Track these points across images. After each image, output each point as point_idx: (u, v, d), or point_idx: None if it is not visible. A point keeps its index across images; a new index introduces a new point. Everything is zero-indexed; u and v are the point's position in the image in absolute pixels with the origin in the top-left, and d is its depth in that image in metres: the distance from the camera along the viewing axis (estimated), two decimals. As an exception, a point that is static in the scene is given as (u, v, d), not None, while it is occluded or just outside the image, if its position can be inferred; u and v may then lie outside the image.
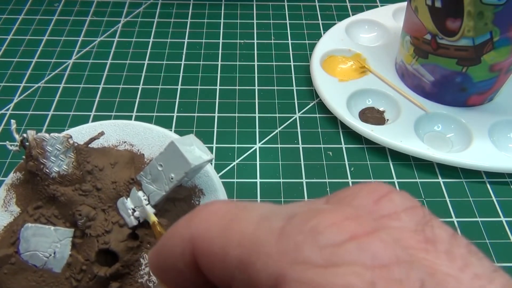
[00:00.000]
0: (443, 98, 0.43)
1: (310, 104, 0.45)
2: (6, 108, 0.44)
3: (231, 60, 0.50)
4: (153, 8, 0.56)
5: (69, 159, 0.22)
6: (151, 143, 0.24)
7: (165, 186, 0.21)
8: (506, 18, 0.35)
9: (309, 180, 0.39)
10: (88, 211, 0.21)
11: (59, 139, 0.22)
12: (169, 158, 0.20)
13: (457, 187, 0.38)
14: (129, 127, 0.24)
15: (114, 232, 0.21)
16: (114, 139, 0.24)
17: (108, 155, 0.23)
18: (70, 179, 0.22)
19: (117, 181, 0.22)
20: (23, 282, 0.21)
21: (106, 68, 0.49)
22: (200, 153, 0.21)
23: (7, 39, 0.52)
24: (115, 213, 0.21)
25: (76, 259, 0.21)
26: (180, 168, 0.20)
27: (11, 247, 0.21)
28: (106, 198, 0.22)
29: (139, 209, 0.21)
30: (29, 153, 0.22)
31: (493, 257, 0.34)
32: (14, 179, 0.24)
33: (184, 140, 0.21)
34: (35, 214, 0.22)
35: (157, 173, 0.21)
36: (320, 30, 0.54)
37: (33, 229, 0.21)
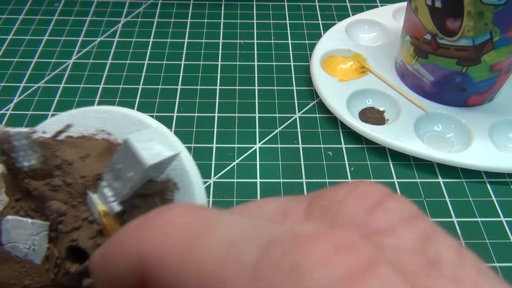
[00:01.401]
0: (443, 98, 0.43)
1: (310, 104, 0.45)
2: (6, 108, 0.44)
3: (231, 60, 0.50)
4: (153, 8, 0.56)
5: (36, 154, 0.21)
6: (129, 131, 0.22)
7: (127, 184, 0.20)
8: (506, 18, 0.35)
9: (309, 180, 0.39)
10: (59, 207, 0.21)
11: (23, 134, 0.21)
12: (126, 156, 0.19)
13: (457, 187, 0.38)
14: (107, 113, 0.23)
15: (83, 229, 0.20)
16: (93, 127, 0.23)
17: (79, 147, 0.22)
18: (41, 173, 0.21)
19: (87, 176, 0.21)
20: (7, 272, 0.21)
21: (106, 68, 0.49)
22: (162, 148, 0.19)
23: (7, 39, 0.52)
24: (85, 208, 0.21)
25: (52, 253, 0.21)
26: (137, 167, 0.19)
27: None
28: (76, 193, 0.21)
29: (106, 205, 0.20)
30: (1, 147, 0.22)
31: (493, 257, 0.34)
32: (3, 169, 0.23)
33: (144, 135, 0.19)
34: (16, 206, 0.22)
35: (118, 171, 0.20)
36: (320, 30, 0.54)
37: (13, 222, 0.21)
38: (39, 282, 0.21)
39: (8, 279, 0.21)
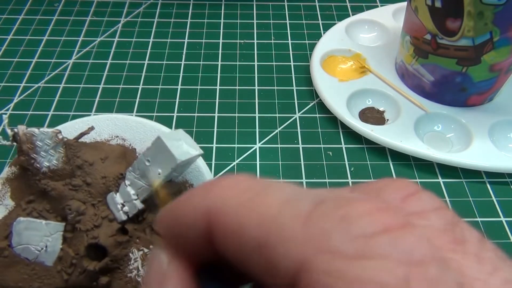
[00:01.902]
0: (443, 98, 0.43)
1: (310, 104, 0.45)
2: (6, 108, 0.44)
3: (231, 60, 0.50)
4: (153, 8, 0.56)
5: (58, 154, 0.22)
6: (143, 137, 0.24)
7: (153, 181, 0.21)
8: (506, 18, 0.35)
9: (309, 180, 0.39)
10: (78, 206, 0.21)
11: (48, 134, 0.22)
12: (156, 153, 0.20)
13: (457, 187, 0.38)
14: (121, 121, 0.24)
15: (103, 227, 0.21)
16: (107, 133, 0.24)
17: (99, 150, 0.23)
18: (60, 173, 0.22)
19: (107, 176, 0.22)
20: (15, 275, 0.21)
21: (106, 68, 0.49)
22: (188, 148, 0.20)
23: (7, 39, 0.52)
24: (104, 207, 0.21)
25: (67, 253, 0.21)
26: (167, 164, 0.20)
27: (4, 240, 0.22)
28: (96, 193, 0.22)
29: (128, 204, 0.21)
30: (20, 148, 0.22)
31: (493, 257, 0.34)
32: (9, 173, 0.24)
33: (172, 135, 0.20)
34: (28, 208, 0.22)
35: (145, 168, 0.21)
36: (320, 30, 0.54)
37: (25, 223, 0.21)
38: (49, 284, 0.21)
39: (15, 282, 0.21)
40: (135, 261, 0.20)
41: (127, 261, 0.21)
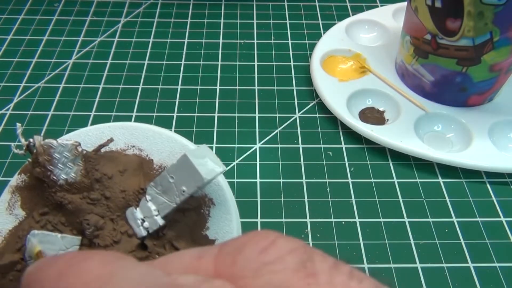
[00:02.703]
0: (443, 98, 0.43)
1: (310, 104, 0.45)
2: (6, 108, 0.44)
3: (231, 60, 0.50)
4: (153, 8, 0.56)
5: (77, 167, 0.21)
6: (160, 148, 0.23)
7: (176, 199, 0.20)
8: (506, 18, 0.35)
9: (309, 180, 0.39)
10: (97, 220, 0.21)
11: (67, 147, 0.21)
12: (181, 170, 0.20)
13: (457, 187, 0.38)
14: (137, 130, 0.24)
15: (122, 243, 0.20)
16: (122, 143, 0.23)
17: (116, 162, 0.22)
18: (78, 187, 0.21)
19: (126, 190, 0.21)
20: None
21: (106, 68, 0.49)
22: (213, 165, 0.20)
23: (7, 39, 0.52)
24: (123, 222, 0.21)
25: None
26: (192, 182, 0.20)
27: (16, 253, 0.21)
28: (115, 207, 0.21)
29: (148, 219, 0.20)
30: (36, 159, 0.21)
31: (493, 257, 0.34)
32: (19, 181, 0.23)
33: (197, 152, 0.20)
34: (42, 220, 0.21)
35: (168, 185, 0.20)
36: (320, 30, 0.54)
37: (40, 236, 0.21)
38: None
39: None
40: None
41: None
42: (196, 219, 0.21)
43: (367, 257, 0.34)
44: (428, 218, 0.36)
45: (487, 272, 0.33)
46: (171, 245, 0.21)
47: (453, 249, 0.35)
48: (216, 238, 0.21)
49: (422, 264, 0.34)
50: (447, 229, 0.36)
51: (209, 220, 0.21)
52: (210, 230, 0.21)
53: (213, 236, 0.21)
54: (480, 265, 0.34)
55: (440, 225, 0.36)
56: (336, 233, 0.35)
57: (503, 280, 0.33)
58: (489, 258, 0.34)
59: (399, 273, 0.33)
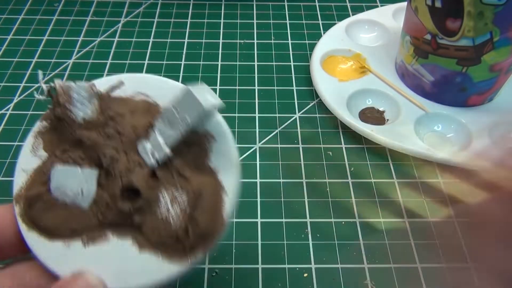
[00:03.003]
0: (443, 98, 0.43)
1: (310, 104, 0.45)
2: (6, 108, 0.44)
3: (231, 60, 0.50)
4: (153, 8, 0.56)
5: (93, 106, 0.24)
6: (165, 93, 0.25)
7: (181, 128, 0.22)
8: (506, 18, 0.35)
9: (309, 180, 0.39)
10: (112, 153, 0.23)
11: (83, 87, 0.24)
12: (184, 102, 0.22)
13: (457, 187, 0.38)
14: (144, 79, 0.26)
15: (136, 171, 0.22)
16: (131, 90, 0.26)
17: (127, 103, 0.25)
18: (94, 124, 0.23)
19: (137, 126, 0.24)
20: (54, 218, 0.23)
21: (106, 68, 0.49)
22: (211, 98, 0.23)
23: (7, 39, 0.52)
24: (135, 154, 0.23)
25: (102, 196, 0.23)
26: (194, 110, 0.22)
27: (43, 186, 0.23)
28: (128, 141, 0.23)
29: (157, 150, 0.23)
30: (56, 100, 0.23)
31: (493, 257, 0.34)
32: (41, 127, 0.26)
33: (198, 87, 0.23)
34: (63, 156, 0.23)
35: (173, 117, 0.22)
36: (320, 30, 0.54)
37: (62, 170, 0.23)
38: (85, 225, 0.23)
39: (55, 224, 0.23)
40: (165, 202, 0.22)
41: (157, 202, 0.22)
42: (199, 152, 0.24)
43: (367, 257, 0.34)
44: (428, 218, 0.36)
45: (487, 272, 0.33)
46: (178, 173, 0.23)
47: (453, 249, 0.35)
48: (218, 169, 0.24)
49: (422, 264, 0.34)
50: (447, 229, 0.36)
51: (211, 154, 0.24)
52: (212, 162, 0.24)
53: (216, 168, 0.24)
54: (480, 265, 0.34)
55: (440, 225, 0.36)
56: (336, 233, 0.35)
57: (503, 280, 0.33)
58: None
59: (399, 273, 0.33)
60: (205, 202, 0.22)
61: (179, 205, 0.22)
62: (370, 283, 0.33)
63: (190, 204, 0.22)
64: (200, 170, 0.23)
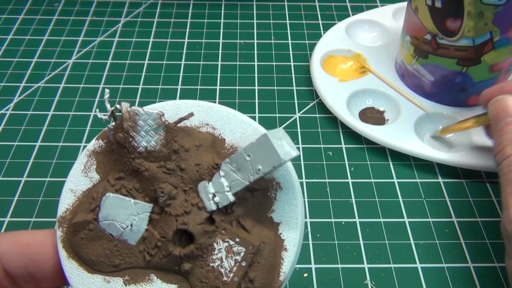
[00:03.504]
0: (443, 98, 0.43)
1: (310, 104, 0.45)
2: (6, 108, 0.44)
3: (231, 60, 0.50)
4: (153, 8, 0.56)
5: (158, 136, 0.22)
6: (233, 128, 0.24)
7: (250, 177, 0.21)
8: (506, 18, 0.35)
9: (309, 180, 0.39)
10: (170, 190, 0.21)
11: (152, 115, 0.22)
12: (260, 150, 0.20)
13: (457, 187, 0.38)
14: (212, 109, 0.24)
15: (192, 214, 0.21)
16: (197, 120, 0.24)
17: (193, 137, 0.23)
18: (156, 155, 0.22)
19: (201, 164, 0.22)
20: (98, 249, 0.22)
21: (106, 68, 0.49)
22: (289, 148, 0.21)
23: (7, 39, 0.52)
24: (195, 195, 0.21)
25: (152, 235, 0.21)
26: (269, 161, 0.20)
27: (90, 213, 0.22)
28: (188, 179, 0.22)
29: (219, 194, 0.21)
30: (120, 124, 0.22)
31: (493, 257, 0.34)
32: (96, 146, 0.24)
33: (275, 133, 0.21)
34: (117, 184, 0.22)
35: (244, 163, 0.21)
36: (320, 30, 0.54)
37: (114, 199, 0.22)
38: (129, 263, 0.22)
39: (98, 257, 0.22)
40: (219, 252, 0.21)
41: (211, 251, 0.21)
42: (263, 201, 0.22)
43: (367, 257, 0.34)
44: (428, 218, 0.36)
45: (487, 272, 0.33)
46: (238, 222, 0.21)
47: (453, 249, 0.35)
48: (280, 221, 0.22)
49: (422, 264, 0.34)
50: (447, 229, 0.36)
51: (275, 203, 0.22)
52: (275, 213, 0.22)
53: (278, 220, 0.22)
54: (480, 265, 0.34)
55: (440, 225, 0.36)
56: (336, 233, 0.35)
57: (503, 280, 0.33)
58: (489, 258, 0.34)
59: (399, 273, 0.33)
60: (263, 260, 0.20)
61: (235, 258, 0.20)
62: (370, 283, 0.33)
63: (247, 259, 0.20)
64: (261, 222, 0.22)
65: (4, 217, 0.36)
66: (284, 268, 0.21)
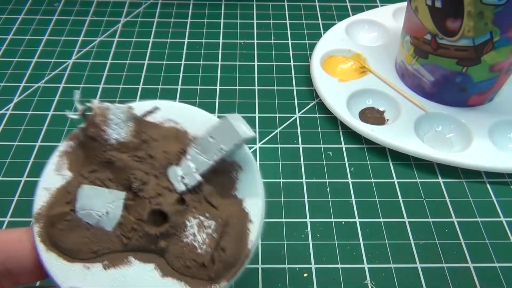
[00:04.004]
0: (443, 98, 0.43)
1: (310, 104, 0.45)
2: (6, 108, 0.44)
3: (231, 60, 0.50)
4: (153, 8, 0.56)
5: (128, 128, 0.24)
6: (194, 123, 0.26)
7: (214, 156, 0.23)
8: (506, 18, 0.35)
9: (309, 180, 0.39)
10: (142, 176, 0.23)
11: (121, 109, 0.24)
12: (221, 131, 0.23)
13: (457, 187, 0.38)
14: (172, 106, 0.27)
15: (164, 196, 0.23)
16: (159, 116, 0.26)
17: (159, 129, 0.25)
18: (127, 146, 0.24)
19: (169, 151, 0.24)
20: (76, 238, 0.23)
21: (106, 68, 0.49)
22: (246, 129, 0.23)
23: (7, 39, 0.52)
24: (165, 179, 0.23)
25: (127, 219, 0.23)
26: (230, 140, 0.23)
27: (67, 205, 0.23)
28: (158, 165, 0.23)
29: (188, 176, 0.23)
30: (92, 120, 0.24)
31: (493, 257, 0.34)
32: (67, 146, 0.25)
33: (234, 117, 0.23)
34: (90, 177, 0.24)
35: (208, 145, 0.23)
36: (320, 30, 0.54)
37: (89, 190, 0.23)
38: (108, 248, 0.23)
39: (76, 246, 0.23)
40: (191, 228, 0.22)
41: (184, 228, 0.22)
42: (227, 181, 0.24)
43: (367, 257, 0.34)
44: (428, 218, 0.36)
45: (487, 272, 0.33)
46: (206, 200, 0.23)
47: (453, 249, 0.35)
48: (244, 197, 0.24)
49: (422, 264, 0.34)
50: (447, 229, 0.36)
51: (238, 183, 0.24)
52: (238, 191, 0.24)
53: (242, 196, 0.24)
54: (480, 265, 0.34)
55: (440, 225, 0.36)
56: (336, 233, 0.35)
57: (503, 280, 0.33)
58: (489, 258, 0.34)
59: (399, 273, 0.33)
60: (232, 231, 0.22)
61: (206, 232, 0.22)
62: (370, 283, 0.33)
63: (218, 231, 0.22)
64: (227, 199, 0.23)
65: (4, 217, 0.36)
66: (251, 237, 0.22)
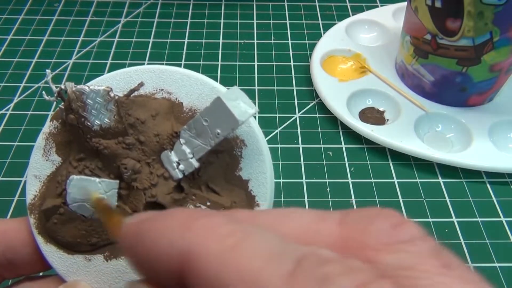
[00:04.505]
0: (443, 98, 0.43)
1: (310, 104, 0.45)
2: (6, 108, 0.44)
3: (231, 60, 0.50)
4: (153, 8, 0.56)
5: (110, 112, 0.22)
6: (189, 90, 0.23)
7: (211, 141, 0.20)
8: (506, 18, 0.35)
9: (309, 180, 0.39)
10: (133, 164, 0.21)
11: (99, 92, 0.21)
12: (216, 113, 0.20)
13: (457, 187, 0.38)
14: (165, 73, 0.24)
15: (160, 185, 0.21)
16: (151, 86, 0.23)
17: (147, 107, 0.22)
18: (112, 132, 0.22)
19: (160, 134, 0.22)
20: (73, 231, 0.22)
21: (106, 68, 0.49)
22: (246, 107, 0.20)
23: (7, 39, 0.52)
24: (159, 166, 0.21)
25: (123, 210, 0.21)
26: (227, 124, 0.20)
27: (58, 198, 0.22)
28: (150, 151, 0.21)
29: (184, 162, 0.21)
30: (69, 106, 0.22)
31: (493, 257, 0.34)
32: (52, 127, 0.23)
33: (230, 94, 0.20)
34: (79, 166, 0.22)
35: (202, 128, 0.20)
36: (320, 30, 0.54)
37: (79, 181, 0.21)
38: (107, 240, 0.22)
39: (74, 238, 0.22)
40: None
41: None
42: (229, 161, 0.22)
43: (367, 257, 0.34)
44: (428, 218, 0.36)
45: (487, 272, 0.33)
46: (207, 186, 0.21)
47: (453, 249, 0.35)
48: (249, 178, 0.21)
49: (422, 264, 0.34)
50: (447, 229, 0.36)
51: (242, 161, 0.22)
52: (243, 170, 0.21)
53: (247, 177, 0.21)
54: (480, 265, 0.34)
55: (440, 225, 0.36)
56: (336, 233, 0.35)
57: (503, 280, 0.33)
58: (489, 258, 0.34)
59: (399, 273, 0.33)
60: None
61: None
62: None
63: None
64: (231, 182, 0.21)
65: (4, 217, 0.36)
66: None
